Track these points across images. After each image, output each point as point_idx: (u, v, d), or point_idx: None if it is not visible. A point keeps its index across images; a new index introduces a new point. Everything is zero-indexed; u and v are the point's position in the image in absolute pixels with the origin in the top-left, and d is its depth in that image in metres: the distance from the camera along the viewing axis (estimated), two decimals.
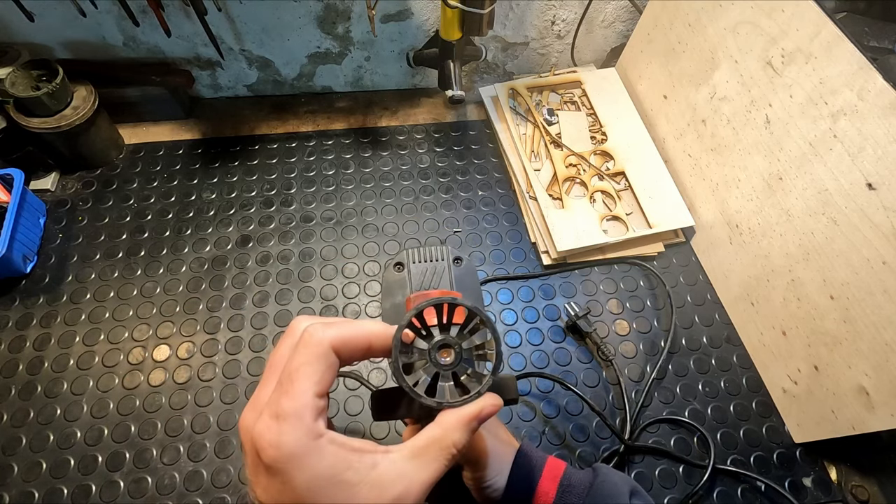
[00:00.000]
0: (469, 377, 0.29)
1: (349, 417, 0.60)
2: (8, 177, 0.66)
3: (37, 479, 0.55)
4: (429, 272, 0.39)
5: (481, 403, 0.28)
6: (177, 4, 0.70)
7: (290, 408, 0.24)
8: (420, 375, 0.28)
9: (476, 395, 0.28)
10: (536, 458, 0.42)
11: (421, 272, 0.39)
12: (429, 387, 0.28)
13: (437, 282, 0.39)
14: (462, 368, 0.29)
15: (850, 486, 0.59)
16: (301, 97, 0.89)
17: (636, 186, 0.75)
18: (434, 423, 0.27)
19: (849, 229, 0.52)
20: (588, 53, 0.92)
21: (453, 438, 0.27)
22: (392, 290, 0.39)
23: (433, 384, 0.29)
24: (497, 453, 0.41)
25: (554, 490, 0.40)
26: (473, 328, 0.29)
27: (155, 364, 0.62)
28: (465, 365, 0.29)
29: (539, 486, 0.40)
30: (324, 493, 0.23)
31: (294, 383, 0.25)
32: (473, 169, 0.81)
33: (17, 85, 0.66)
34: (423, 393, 0.28)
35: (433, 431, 0.27)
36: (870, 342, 0.51)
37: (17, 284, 0.67)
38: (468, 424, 0.27)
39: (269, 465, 0.23)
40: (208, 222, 0.74)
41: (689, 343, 0.67)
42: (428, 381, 0.28)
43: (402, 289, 0.39)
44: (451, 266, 0.40)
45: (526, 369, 0.64)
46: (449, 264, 0.40)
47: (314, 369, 0.25)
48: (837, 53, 0.52)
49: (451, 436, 0.27)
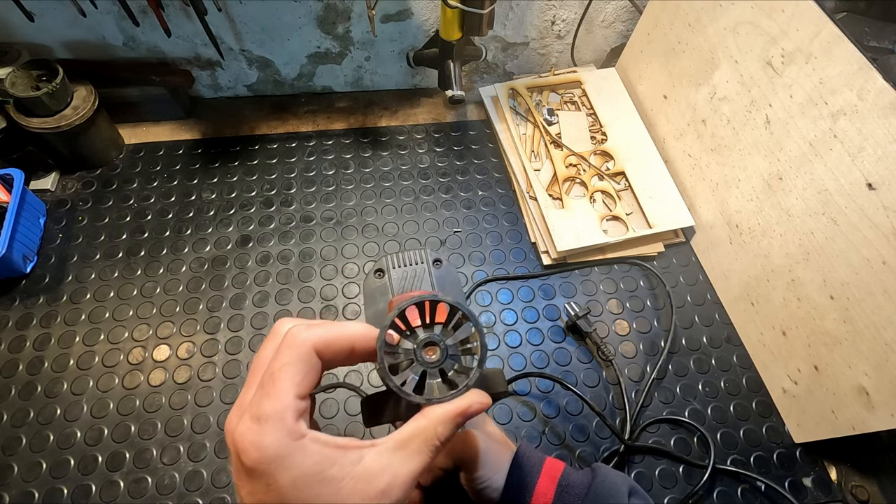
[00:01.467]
0: (456, 372, 0.29)
1: (349, 418, 0.60)
2: (8, 177, 0.66)
3: (37, 479, 0.55)
4: (409, 276, 0.39)
5: (469, 400, 0.28)
6: (177, 4, 0.70)
7: (270, 409, 0.24)
8: (407, 375, 0.28)
9: (464, 388, 0.28)
10: (534, 459, 0.42)
11: (401, 276, 0.39)
12: (417, 385, 0.28)
13: (418, 284, 0.39)
14: (449, 365, 0.29)
15: (850, 486, 0.59)
16: (301, 97, 0.89)
17: (636, 186, 0.75)
18: (420, 414, 0.27)
19: (849, 229, 0.52)
20: (588, 53, 0.92)
21: (437, 430, 0.27)
22: (374, 297, 0.39)
23: (421, 383, 0.29)
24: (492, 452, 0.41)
25: (552, 490, 0.40)
26: (457, 324, 0.30)
27: (155, 364, 0.62)
28: (452, 361, 0.29)
29: (537, 487, 0.40)
30: (309, 490, 0.23)
31: (275, 384, 0.24)
32: (473, 169, 0.81)
33: (17, 85, 0.66)
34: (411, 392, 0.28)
35: (418, 422, 0.27)
36: (870, 342, 0.51)
37: (17, 284, 0.67)
38: (454, 419, 0.27)
39: (251, 467, 0.23)
40: (208, 222, 0.74)
41: (689, 343, 0.67)
42: (416, 381, 0.28)
43: (384, 295, 0.39)
44: (432, 268, 0.40)
45: (526, 369, 0.64)
46: (429, 266, 0.40)
47: (296, 370, 0.25)
48: (837, 53, 0.52)
49: (435, 427, 0.27)
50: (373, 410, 0.31)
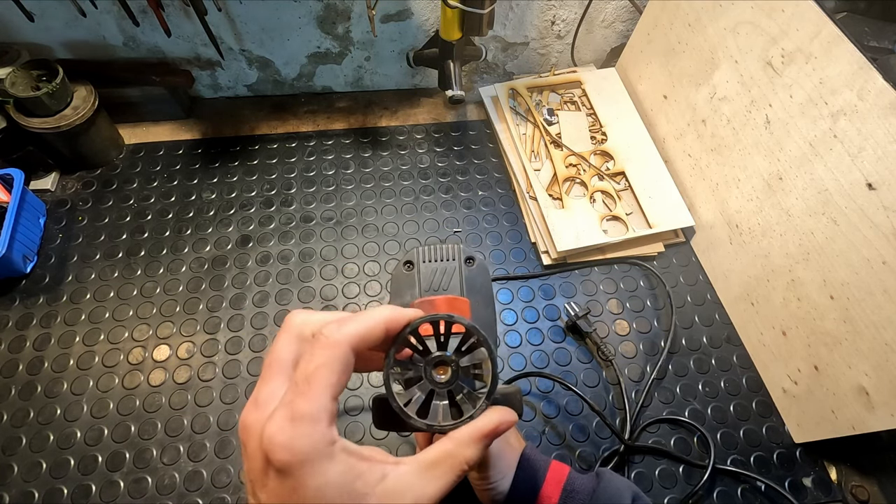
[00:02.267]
0: (465, 397, 0.28)
1: (349, 418, 0.60)
2: (8, 177, 0.66)
3: (37, 479, 0.55)
4: (438, 272, 0.38)
5: (498, 419, 0.27)
6: (177, 4, 0.70)
7: (306, 411, 0.23)
8: (414, 393, 0.27)
9: (468, 419, 0.27)
10: (540, 462, 0.42)
11: (431, 272, 0.38)
12: (423, 404, 0.27)
13: (446, 282, 0.37)
14: (458, 388, 0.28)
15: (850, 486, 0.59)
16: (301, 97, 0.89)
17: (636, 186, 0.75)
18: (447, 437, 0.27)
19: (849, 229, 0.52)
20: (588, 53, 0.92)
21: (465, 454, 0.26)
22: (400, 289, 0.38)
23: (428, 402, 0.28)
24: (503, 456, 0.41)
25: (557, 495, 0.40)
26: (471, 346, 0.28)
27: (155, 364, 0.62)
28: (462, 384, 0.28)
29: (542, 491, 0.40)
30: (333, 501, 0.23)
31: (311, 385, 0.24)
32: (473, 169, 0.81)
33: (17, 85, 0.66)
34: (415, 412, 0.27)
35: (445, 446, 0.26)
36: (870, 342, 0.51)
37: (17, 284, 0.67)
38: (482, 441, 0.26)
39: (280, 468, 0.23)
40: (208, 222, 0.74)
41: (689, 343, 0.67)
42: (422, 400, 0.27)
43: (411, 289, 0.38)
44: (463, 266, 0.38)
45: (526, 369, 0.64)
46: (460, 264, 0.38)
47: (332, 371, 0.24)
48: (837, 53, 0.52)
49: (463, 451, 0.26)
50: (383, 415, 0.30)
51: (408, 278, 0.38)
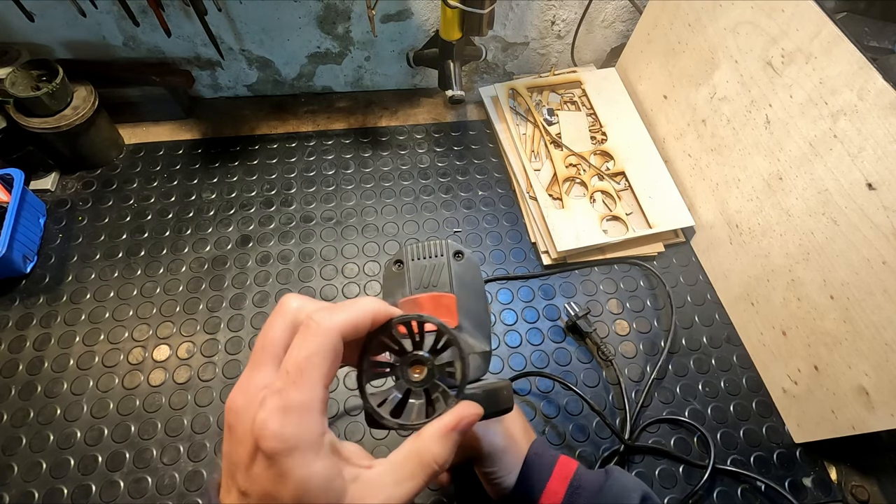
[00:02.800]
0: (441, 395, 0.28)
1: (349, 418, 0.60)
2: (8, 177, 0.66)
3: (37, 479, 0.55)
4: (427, 269, 0.38)
5: (459, 414, 0.27)
6: (177, 4, 0.70)
7: (298, 400, 0.23)
8: (390, 392, 0.27)
9: (437, 416, 0.27)
10: (547, 457, 0.42)
11: (420, 269, 0.38)
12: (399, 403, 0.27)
13: (435, 279, 0.37)
14: (434, 386, 0.28)
15: (850, 486, 0.59)
16: (301, 97, 0.89)
17: (636, 186, 0.75)
18: (414, 436, 0.27)
19: (849, 229, 0.52)
20: (588, 53, 0.92)
21: (433, 452, 0.26)
22: (391, 288, 0.38)
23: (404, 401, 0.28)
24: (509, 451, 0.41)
25: (563, 490, 0.40)
26: (445, 344, 0.28)
27: (155, 364, 0.62)
28: (438, 382, 0.28)
29: (548, 486, 0.40)
30: (313, 495, 0.23)
31: (303, 374, 0.24)
32: (473, 169, 0.81)
33: (17, 85, 0.66)
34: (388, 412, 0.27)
35: (413, 444, 0.26)
36: (870, 342, 0.51)
37: (17, 284, 0.67)
38: (447, 436, 0.26)
39: (269, 454, 0.22)
40: (208, 222, 0.74)
41: (689, 343, 0.67)
42: (398, 399, 0.27)
43: (401, 287, 0.38)
44: (452, 262, 0.38)
45: (526, 369, 0.64)
46: (449, 260, 0.38)
47: (324, 359, 0.24)
48: (837, 53, 0.52)
49: (430, 449, 0.26)
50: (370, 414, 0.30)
51: (398, 277, 0.38)
